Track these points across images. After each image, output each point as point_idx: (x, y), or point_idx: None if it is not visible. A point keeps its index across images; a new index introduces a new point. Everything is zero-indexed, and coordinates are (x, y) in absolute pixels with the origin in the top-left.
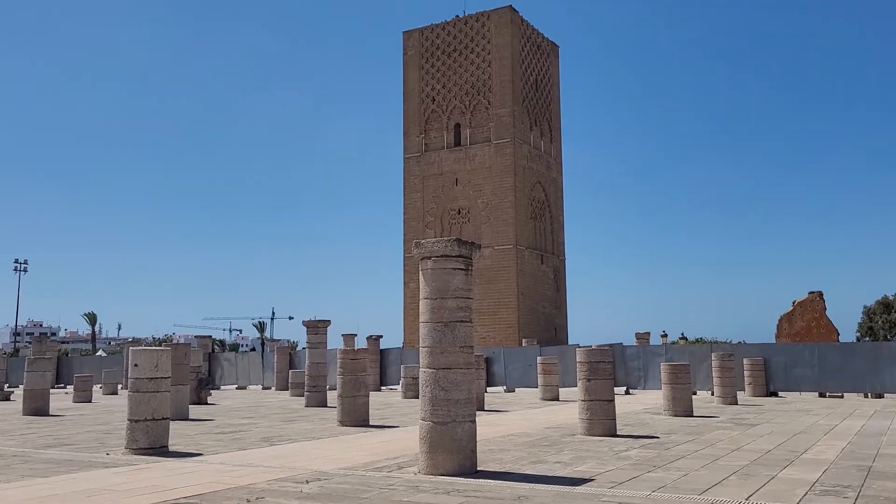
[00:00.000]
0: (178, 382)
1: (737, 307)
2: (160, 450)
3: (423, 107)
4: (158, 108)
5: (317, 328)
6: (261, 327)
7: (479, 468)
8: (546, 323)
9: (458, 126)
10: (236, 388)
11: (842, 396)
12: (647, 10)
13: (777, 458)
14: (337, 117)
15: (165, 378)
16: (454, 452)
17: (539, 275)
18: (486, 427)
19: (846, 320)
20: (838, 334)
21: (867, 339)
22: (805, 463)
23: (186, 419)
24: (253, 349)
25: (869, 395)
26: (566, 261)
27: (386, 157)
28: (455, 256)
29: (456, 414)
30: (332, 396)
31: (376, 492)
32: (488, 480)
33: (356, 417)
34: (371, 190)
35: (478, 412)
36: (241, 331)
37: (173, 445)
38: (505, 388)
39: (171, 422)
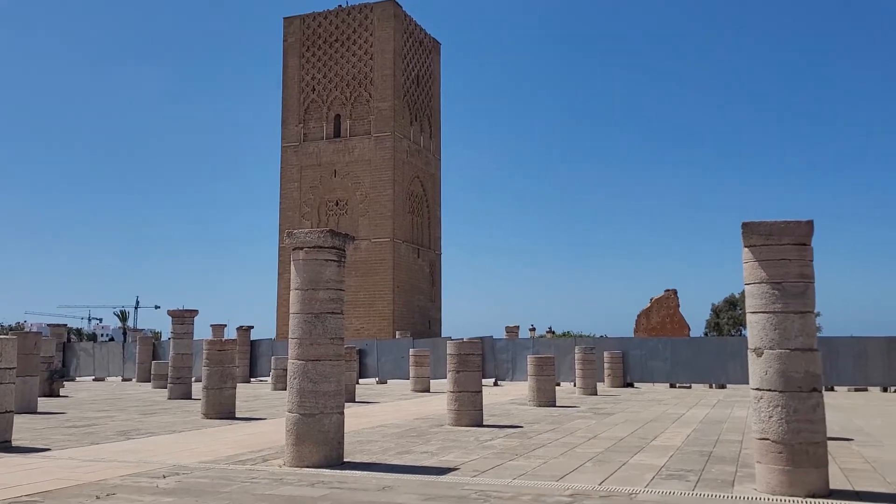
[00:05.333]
0: (26, 373)
1: (602, 302)
2: (2, 444)
3: (302, 96)
4: (14, 83)
5: (183, 318)
6: (123, 316)
7: (346, 460)
8: (421, 316)
9: (338, 117)
10: (94, 380)
11: (690, 387)
12: (529, 10)
13: (629, 446)
14: (212, 101)
15: (10, 369)
16: (321, 444)
17: (415, 268)
18: (357, 418)
19: (697, 316)
20: (689, 329)
21: (714, 334)
22: (654, 449)
23: (35, 412)
24: (113, 339)
25: (713, 385)
26: (442, 255)
27: (263, 145)
28: (328, 248)
29: (324, 406)
30: (198, 388)
31: (237, 485)
32: (354, 472)
33: (221, 410)
34: (246, 178)
35: (348, 404)
36: (101, 320)
37: (18, 440)
38: (377, 379)
39: (16, 415)
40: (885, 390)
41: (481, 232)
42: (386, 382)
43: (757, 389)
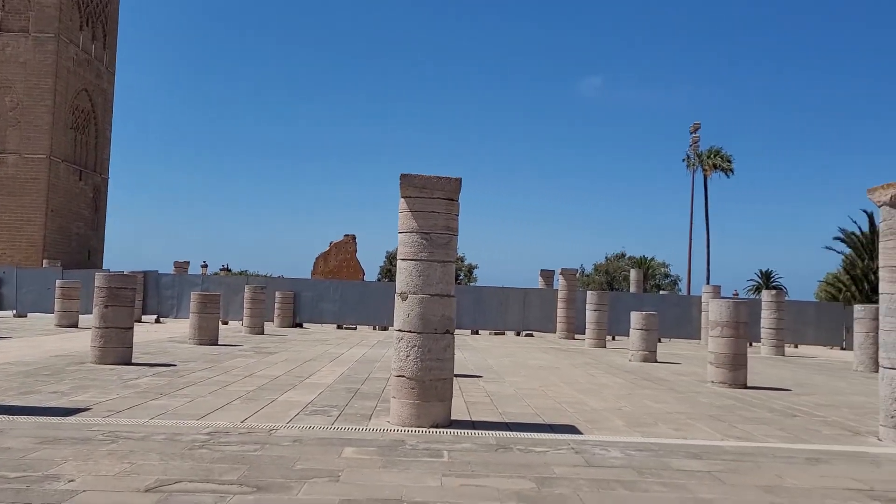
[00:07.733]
0: None
1: (286, 244)
2: None
3: None
4: None
5: None
6: None
7: None
8: (79, 245)
9: None
10: None
11: (356, 328)
12: None
13: (283, 383)
14: None
15: None
16: None
17: (75, 192)
18: None
19: (373, 262)
20: (364, 274)
21: (386, 280)
22: (306, 387)
23: None
24: None
25: (377, 327)
26: (110, 181)
27: None
28: None
29: None
30: None
31: None
32: None
33: None
34: None
35: None
36: None
37: None
38: (15, 312)
39: None
40: (518, 334)
41: (159, 160)
42: (26, 316)
43: (399, 331)
